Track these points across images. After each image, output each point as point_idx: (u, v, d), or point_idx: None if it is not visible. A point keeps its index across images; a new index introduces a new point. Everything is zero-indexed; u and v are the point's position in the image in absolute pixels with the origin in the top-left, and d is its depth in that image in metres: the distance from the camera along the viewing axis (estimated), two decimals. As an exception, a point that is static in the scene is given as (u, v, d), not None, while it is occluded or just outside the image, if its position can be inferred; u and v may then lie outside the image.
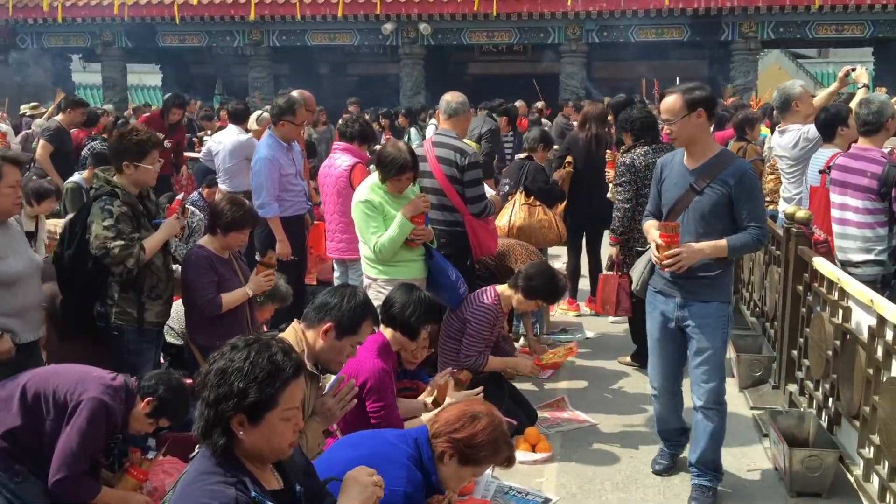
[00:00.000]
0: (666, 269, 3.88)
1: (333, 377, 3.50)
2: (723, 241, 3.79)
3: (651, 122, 5.94)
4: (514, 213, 6.66)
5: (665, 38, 19.51)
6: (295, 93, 6.59)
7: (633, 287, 4.49)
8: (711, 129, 4.21)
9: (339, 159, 6.00)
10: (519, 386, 5.27)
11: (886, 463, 3.65)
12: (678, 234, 3.83)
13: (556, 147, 7.75)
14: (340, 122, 6.55)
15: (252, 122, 8.51)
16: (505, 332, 5.68)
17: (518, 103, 13.17)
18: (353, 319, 3.16)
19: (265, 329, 5.05)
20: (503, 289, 4.90)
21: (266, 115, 8.10)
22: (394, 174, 4.64)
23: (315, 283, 7.12)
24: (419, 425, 2.97)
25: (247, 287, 4.48)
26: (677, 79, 12.69)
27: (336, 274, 6.26)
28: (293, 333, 3.18)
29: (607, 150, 6.76)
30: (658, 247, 3.86)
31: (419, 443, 2.76)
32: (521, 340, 6.45)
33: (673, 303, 4.00)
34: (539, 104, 14.97)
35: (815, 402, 4.70)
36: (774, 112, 7.29)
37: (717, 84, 19.19)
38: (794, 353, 5.10)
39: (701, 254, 3.81)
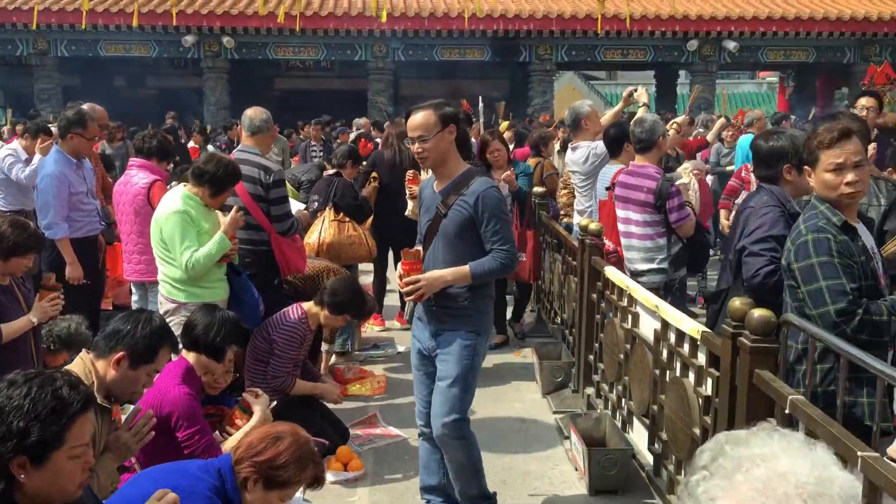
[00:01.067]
0: (407, 299, 3.70)
1: (131, 407, 3.29)
2: (466, 268, 3.55)
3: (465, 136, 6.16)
4: (323, 229, 6.60)
5: (468, 58, 20.18)
6: (85, 105, 6.20)
7: (404, 315, 4.31)
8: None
9: (136, 176, 5.70)
10: (330, 404, 5.22)
11: (673, 457, 3.94)
12: (420, 262, 3.67)
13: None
14: (137, 137, 6.21)
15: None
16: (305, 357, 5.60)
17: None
18: (149, 347, 2.99)
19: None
20: (309, 306, 4.85)
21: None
22: (226, 188, 4.56)
23: (111, 308, 6.71)
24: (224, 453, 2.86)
25: (31, 315, 4.13)
26: (479, 98, 13.13)
27: (134, 298, 5.92)
28: (81, 364, 2.97)
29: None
30: (400, 275, 3.71)
31: (222, 472, 2.66)
32: (333, 358, 6.41)
33: (428, 331, 3.76)
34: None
35: (609, 403, 4.99)
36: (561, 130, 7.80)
37: (517, 102, 20.09)
38: (591, 357, 5.40)
39: (442, 281, 3.57)
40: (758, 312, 3.03)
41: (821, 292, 2.93)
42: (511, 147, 8.62)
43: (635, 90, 6.85)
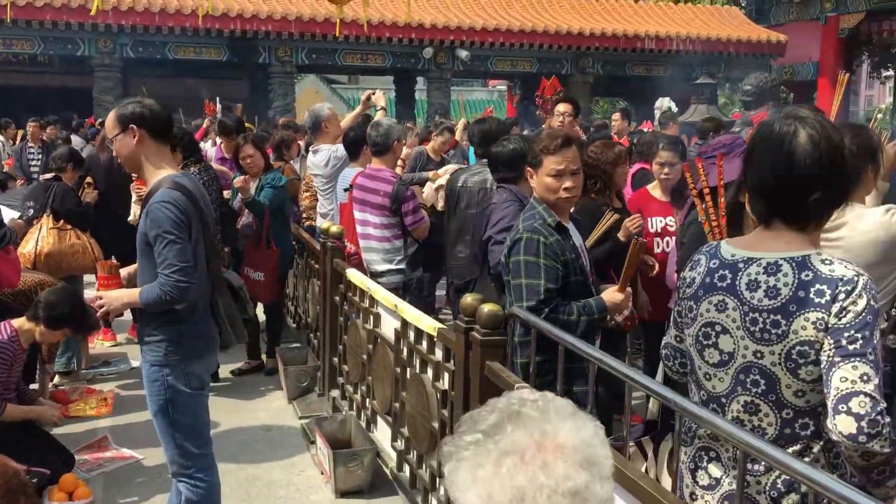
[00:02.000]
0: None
1: None
2: (137, 291, 3.20)
3: (193, 139, 5.91)
4: (40, 238, 6.02)
5: (204, 57, 19.42)
6: None
7: None
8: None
9: None
10: (57, 430, 4.78)
11: (415, 452, 4.04)
12: (116, 275, 3.41)
13: None
14: None
15: None
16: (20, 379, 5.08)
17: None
18: None
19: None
20: (21, 322, 4.37)
21: None
22: None
23: None
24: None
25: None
26: (217, 98, 12.70)
27: None
28: None
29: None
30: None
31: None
32: (56, 378, 5.88)
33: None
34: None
35: (354, 404, 5.03)
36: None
37: (258, 104, 19.67)
38: (335, 360, 5.40)
39: (120, 302, 3.24)
40: (487, 307, 3.19)
41: (520, 288, 3.17)
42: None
43: (373, 93, 6.96)
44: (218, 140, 8.46)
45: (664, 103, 24.46)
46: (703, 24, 21.27)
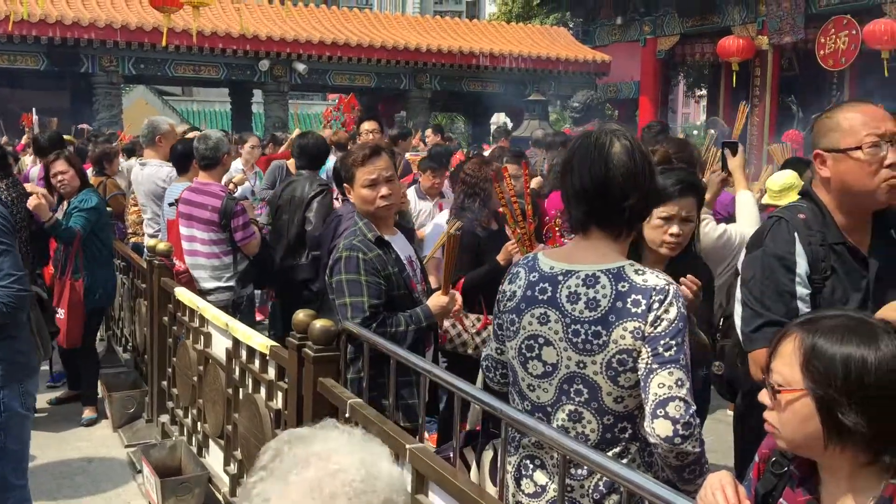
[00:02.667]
0: None
1: None
2: None
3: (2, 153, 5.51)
4: None
5: (20, 65, 18.16)
6: None
7: None
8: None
9: None
10: None
11: (248, 476, 3.89)
12: None
13: None
14: None
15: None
16: None
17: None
18: None
19: None
20: None
21: None
22: None
23: None
24: None
25: None
26: (33, 109, 11.88)
27: None
28: None
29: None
30: None
31: None
32: None
33: None
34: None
35: (185, 429, 4.81)
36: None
37: (81, 115, 18.58)
38: (165, 383, 5.15)
39: None
40: (319, 323, 3.13)
41: (345, 307, 3.14)
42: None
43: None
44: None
45: (500, 118, 25.25)
46: (534, 43, 22.10)
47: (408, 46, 20.43)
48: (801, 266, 2.31)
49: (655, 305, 1.91)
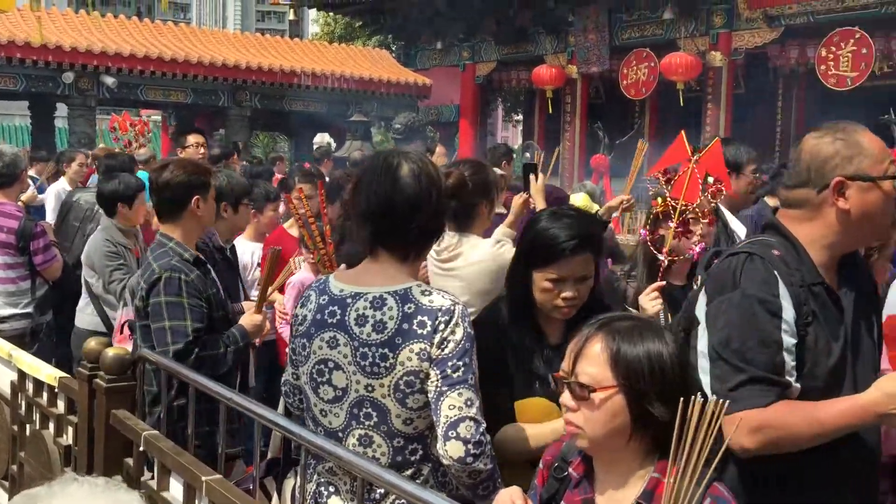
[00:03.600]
0: None
1: None
2: None
3: None
4: None
5: None
6: None
7: None
8: None
9: None
10: None
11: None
12: None
13: None
14: None
15: None
16: None
17: None
18: None
19: None
20: None
21: None
22: None
23: None
24: None
25: None
26: None
27: None
28: None
29: None
30: None
31: None
32: None
33: None
34: None
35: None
36: None
37: None
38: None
39: None
40: (112, 351, 2.94)
41: (164, 331, 2.97)
42: None
43: None
44: None
45: (325, 139, 25.11)
46: (357, 64, 22.18)
47: (226, 63, 19.91)
48: (788, 311, 1.92)
49: (441, 326, 1.92)
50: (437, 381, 1.90)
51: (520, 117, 30.05)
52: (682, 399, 1.42)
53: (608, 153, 17.07)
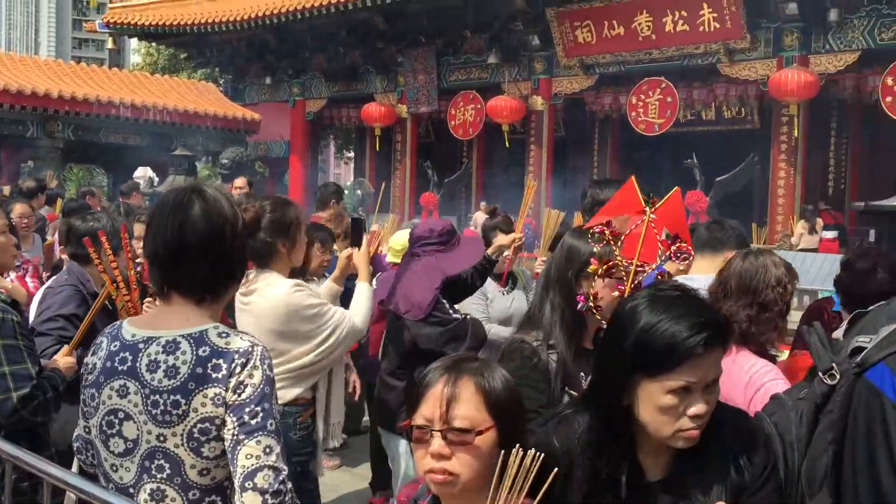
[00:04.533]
0: None
1: None
2: None
3: None
4: None
5: None
6: None
7: None
8: None
9: None
10: None
11: None
12: None
13: None
14: None
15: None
16: None
17: None
18: None
19: None
20: None
21: None
22: None
23: None
24: None
25: None
26: None
27: None
28: None
29: None
30: None
31: None
32: None
33: None
34: None
35: None
36: None
37: None
38: None
39: None
40: None
41: (4, 377, 2.67)
42: None
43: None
44: None
45: (147, 173, 24.02)
46: (181, 97, 21.45)
47: (36, 91, 18.66)
48: None
49: (238, 370, 1.81)
50: (234, 428, 1.78)
51: (352, 154, 30.11)
52: (502, 451, 1.43)
53: (437, 191, 17.40)
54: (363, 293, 3.39)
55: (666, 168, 16.73)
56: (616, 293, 2.26)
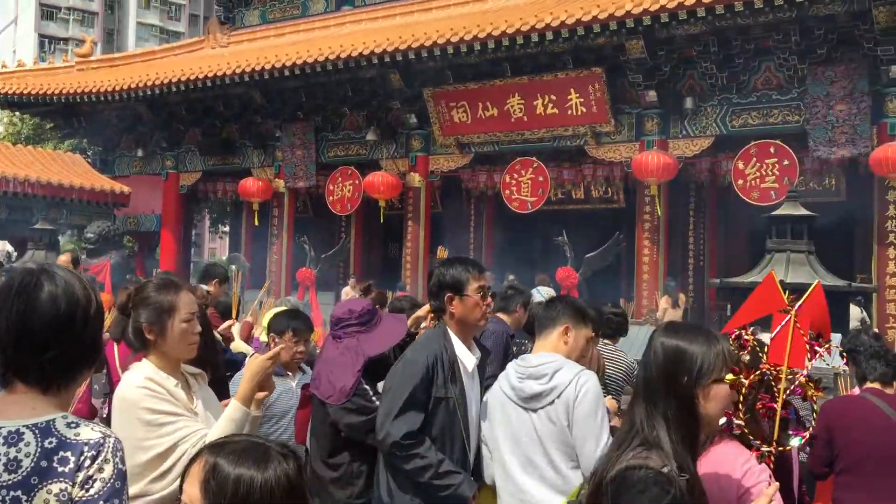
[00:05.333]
0: None
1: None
2: None
3: None
4: None
5: None
6: None
7: None
8: None
9: None
10: None
11: None
12: None
13: None
14: None
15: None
16: None
17: None
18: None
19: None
20: None
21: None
22: None
23: None
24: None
25: None
26: None
27: None
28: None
29: None
30: None
31: None
32: None
33: None
34: None
35: None
36: None
37: None
38: None
39: None
40: None
41: None
42: None
43: None
44: None
45: (5, 246, 22.67)
46: (45, 168, 20.57)
47: None
48: None
49: (87, 463, 1.70)
50: None
51: (227, 228, 29.53)
52: None
53: (314, 266, 17.23)
54: (234, 416, 2.63)
55: (538, 245, 17.24)
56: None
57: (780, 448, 2.27)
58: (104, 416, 4.62)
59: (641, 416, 2.08)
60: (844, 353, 3.86)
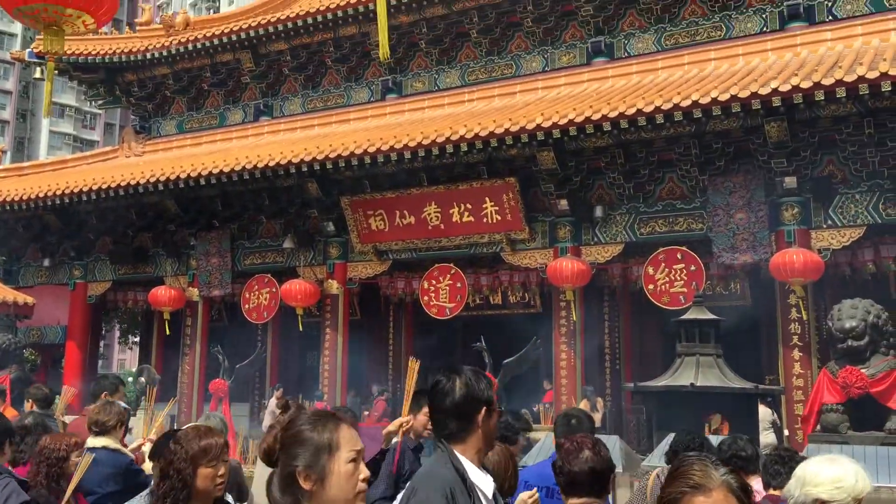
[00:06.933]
0: None
1: None
2: None
3: None
4: None
5: None
6: None
7: None
8: None
9: None
10: None
11: None
12: None
13: None
14: None
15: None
16: None
17: None
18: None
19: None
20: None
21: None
22: None
23: None
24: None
25: None
26: None
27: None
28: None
29: None
30: None
31: None
32: None
33: None
34: None
35: None
36: None
37: None
38: None
39: None
40: None
41: None
42: None
43: None
44: None
45: None
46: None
47: None
48: None
49: None
50: None
51: (138, 339, 28.55)
52: None
53: (228, 377, 16.73)
54: None
55: (458, 351, 17.23)
56: None
57: None
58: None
59: None
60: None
